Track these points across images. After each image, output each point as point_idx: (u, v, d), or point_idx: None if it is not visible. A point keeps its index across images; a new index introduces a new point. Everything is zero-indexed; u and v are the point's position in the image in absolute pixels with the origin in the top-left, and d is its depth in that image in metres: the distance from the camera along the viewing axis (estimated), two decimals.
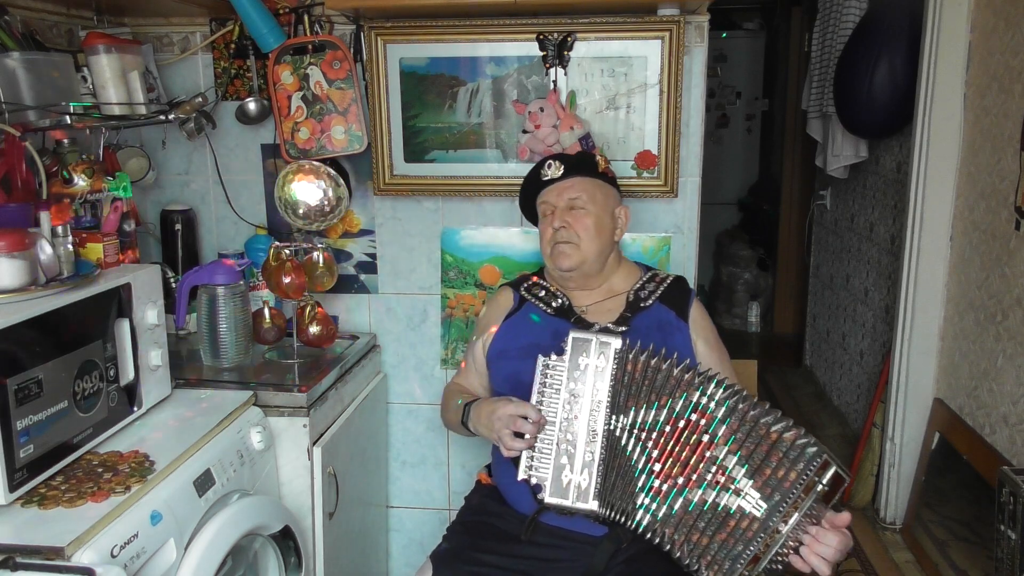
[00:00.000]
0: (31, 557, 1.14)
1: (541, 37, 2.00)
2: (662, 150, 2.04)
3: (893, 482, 2.84)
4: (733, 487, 1.37)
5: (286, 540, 1.68)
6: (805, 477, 1.33)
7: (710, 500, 1.38)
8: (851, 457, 3.19)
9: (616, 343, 1.45)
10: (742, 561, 1.35)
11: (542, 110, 1.98)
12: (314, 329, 1.98)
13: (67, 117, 1.66)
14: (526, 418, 1.46)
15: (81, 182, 1.78)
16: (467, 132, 2.10)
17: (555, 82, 2.02)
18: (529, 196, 1.79)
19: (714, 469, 1.38)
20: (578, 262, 1.69)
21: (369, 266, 2.25)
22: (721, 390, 1.40)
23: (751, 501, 1.36)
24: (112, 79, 1.82)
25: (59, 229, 1.45)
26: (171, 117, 2.02)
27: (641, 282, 1.76)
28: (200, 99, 2.05)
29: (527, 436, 1.46)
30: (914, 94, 2.69)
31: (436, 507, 2.39)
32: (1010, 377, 2.23)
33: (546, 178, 1.73)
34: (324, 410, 1.86)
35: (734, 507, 1.37)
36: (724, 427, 1.39)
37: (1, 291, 1.32)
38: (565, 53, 2.00)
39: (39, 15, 1.89)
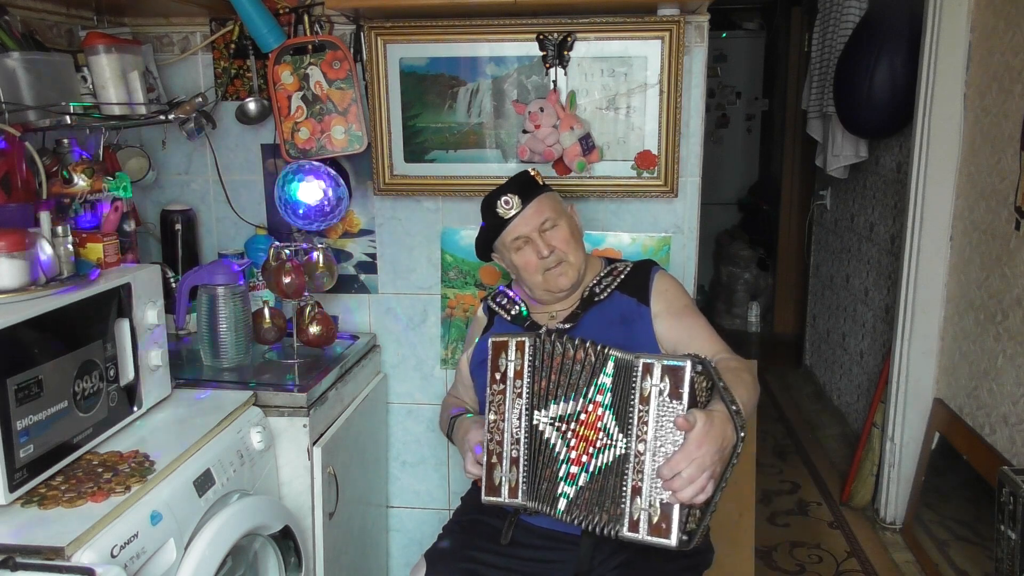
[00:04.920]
0: (31, 557, 1.14)
1: (541, 37, 2.00)
2: (662, 150, 2.04)
3: (893, 482, 2.84)
4: (610, 441, 1.40)
5: (286, 540, 1.68)
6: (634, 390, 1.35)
7: (600, 463, 1.41)
8: (851, 457, 3.19)
9: (528, 339, 1.48)
10: (623, 499, 1.35)
11: (542, 110, 1.98)
12: (314, 329, 1.98)
13: (67, 117, 1.66)
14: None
15: (81, 182, 1.78)
16: (467, 132, 2.10)
17: (555, 82, 2.02)
18: (490, 240, 1.74)
19: (602, 435, 1.41)
20: (575, 275, 1.70)
21: (369, 266, 2.25)
22: (611, 361, 1.41)
23: (621, 442, 1.38)
24: (112, 79, 1.82)
25: (59, 229, 1.45)
26: (171, 117, 2.02)
27: (599, 277, 1.76)
28: (200, 99, 2.05)
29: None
30: (914, 94, 2.69)
31: (436, 507, 2.39)
32: (1010, 377, 2.23)
33: (508, 216, 1.68)
34: (324, 410, 1.86)
35: (612, 458, 1.39)
36: (609, 394, 1.41)
37: (1, 291, 1.32)
38: (565, 53, 2.00)
39: (39, 15, 1.89)
